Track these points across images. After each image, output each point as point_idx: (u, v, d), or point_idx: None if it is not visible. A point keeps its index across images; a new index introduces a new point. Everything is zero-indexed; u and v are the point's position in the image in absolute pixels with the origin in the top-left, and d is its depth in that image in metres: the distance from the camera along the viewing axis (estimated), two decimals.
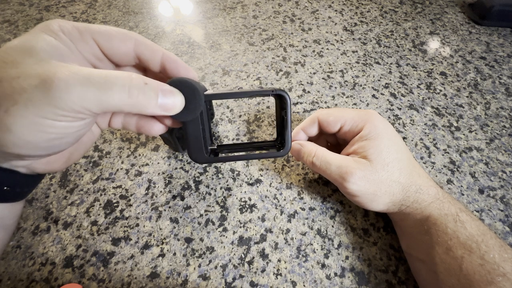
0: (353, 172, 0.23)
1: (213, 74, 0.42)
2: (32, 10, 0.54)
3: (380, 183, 0.23)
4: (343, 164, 0.24)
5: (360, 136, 0.25)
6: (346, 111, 0.27)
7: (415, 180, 0.24)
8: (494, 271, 0.19)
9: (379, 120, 0.26)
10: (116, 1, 0.57)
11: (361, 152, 0.24)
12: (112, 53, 0.17)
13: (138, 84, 0.15)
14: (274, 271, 0.25)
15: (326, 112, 0.27)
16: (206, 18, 0.53)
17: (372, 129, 0.25)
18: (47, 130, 0.14)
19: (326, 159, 0.25)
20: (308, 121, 0.28)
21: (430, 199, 0.23)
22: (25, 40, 0.15)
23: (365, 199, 0.24)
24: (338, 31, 0.52)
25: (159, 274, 0.25)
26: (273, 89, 0.20)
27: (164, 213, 0.28)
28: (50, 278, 0.25)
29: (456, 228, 0.21)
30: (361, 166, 0.23)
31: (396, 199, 0.24)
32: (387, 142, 0.24)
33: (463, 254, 0.20)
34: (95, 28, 0.17)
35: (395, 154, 0.24)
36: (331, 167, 0.24)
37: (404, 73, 0.44)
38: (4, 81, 0.13)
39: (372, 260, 0.26)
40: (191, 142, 0.21)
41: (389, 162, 0.24)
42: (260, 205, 0.29)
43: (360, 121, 0.26)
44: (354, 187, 0.23)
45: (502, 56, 0.48)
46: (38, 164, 0.18)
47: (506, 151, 0.35)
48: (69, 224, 0.28)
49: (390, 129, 0.25)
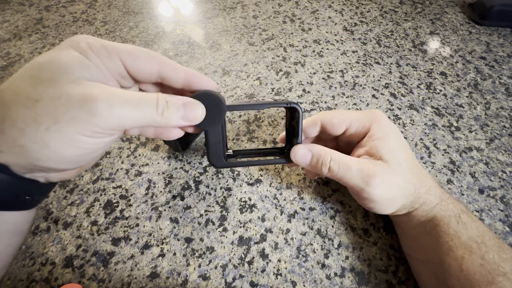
0: (375, 175, 0.21)
1: (213, 74, 0.42)
2: (32, 10, 0.54)
3: (397, 186, 0.22)
4: (365, 167, 0.22)
5: (370, 136, 0.24)
6: (350, 112, 0.26)
7: (423, 181, 0.23)
8: (495, 271, 0.19)
9: (385, 119, 0.25)
10: (116, 1, 0.57)
11: (374, 153, 0.23)
12: (136, 72, 0.18)
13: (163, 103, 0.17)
14: (274, 271, 0.25)
15: (329, 115, 0.26)
16: (206, 18, 0.53)
17: (381, 128, 0.24)
18: (82, 146, 0.16)
19: (345, 161, 0.23)
20: (309, 122, 0.26)
21: (436, 200, 0.23)
22: (56, 56, 0.16)
23: (383, 204, 0.23)
24: (338, 31, 0.52)
25: (159, 274, 0.25)
26: (288, 102, 0.22)
27: (164, 213, 0.28)
28: (50, 278, 0.25)
29: (458, 229, 0.21)
30: (381, 168, 0.22)
31: (408, 201, 0.23)
32: (396, 140, 0.24)
33: (463, 255, 0.20)
34: (122, 47, 0.17)
35: (404, 153, 0.23)
36: (351, 171, 0.22)
37: (404, 73, 0.44)
38: (45, 100, 0.14)
39: (372, 260, 0.26)
40: (211, 148, 0.23)
41: (402, 162, 0.23)
42: (260, 205, 0.29)
43: (367, 121, 0.25)
44: (376, 192, 0.22)
45: (502, 56, 0.48)
46: (55, 174, 0.19)
47: (506, 151, 0.35)
48: (69, 224, 0.28)
49: (395, 128, 0.25)
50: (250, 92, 0.40)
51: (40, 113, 0.14)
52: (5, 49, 0.45)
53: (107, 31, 0.49)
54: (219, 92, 0.22)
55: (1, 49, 0.45)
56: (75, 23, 0.51)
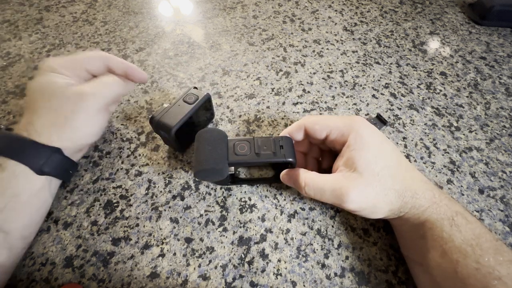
0: (348, 192, 0.22)
1: (213, 74, 0.42)
2: (32, 10, 0.54)
3: (376, 195, 0.22)
4: (336, 187, 0.23)
5: (347, 146, 0.25)
6: (332, 119, 0.26)
7: (409, 185, 0.23)
8: (490, 275, 0.19)
9: (364, 127, 0.25)
10: (116, 1, 0.57)
11: (350, 164, 0.24)
12: (92, 70, 0.29)
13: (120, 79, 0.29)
14: (274, 271, 0.25)
15: (312, 120, 0.27)
16: (206, 18, 0.53)
17: (358, 138, 0.24)
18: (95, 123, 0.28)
19: (318, 185, 0.24)
20: (295, 127, 0.27)
21: (427, 203, 0.23)
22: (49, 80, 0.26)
23: (367, 212, 0.23)
24: (338, 31, 0.52)
25: (159, 274, 0.25)
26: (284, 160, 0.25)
27: (164, 213, 0.28)
28: (50, 278, 0.25)
29: (451, 232, 0.21)
30: (354, 182, 0.23)
31: (395, 207, 0.23)
32: (374, 150, 0.24)
33: (458, 258, 0.20)
34: (79, 58, 0.28)
35: (383, 161, 0.23)
36: (325, 193, 0.24)
37: (404, 73, 0.44)
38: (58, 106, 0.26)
39: (372, 260, 0.26)
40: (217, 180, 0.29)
41: (379, 171, 0.23)
42: (260, 205, 0.29)
43: (345, 130, 0.25)
44: (352, 205, 0.23)
45: (502, 56, 0.48)
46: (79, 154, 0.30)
47: (506, 151, 0.35)
48: (69, 224, 0.28)
49: (376, 136, 0.25)
50: (250, 92, 0.40)
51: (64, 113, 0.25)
52: (5, 49, 0.45)
53: (107, 31, 0.49)
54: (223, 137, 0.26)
55: (1, 49, 0.45)
56: (75, 23, 0.51)
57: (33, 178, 0.25)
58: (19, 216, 0.24)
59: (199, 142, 0.25)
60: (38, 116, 0.25)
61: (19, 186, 0.24)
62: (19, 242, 0.24)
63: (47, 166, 0.25)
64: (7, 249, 0.23)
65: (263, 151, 0.26)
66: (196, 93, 0.31)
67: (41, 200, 0.26)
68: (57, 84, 0.26)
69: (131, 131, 0.35)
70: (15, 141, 0.24)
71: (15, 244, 0.23)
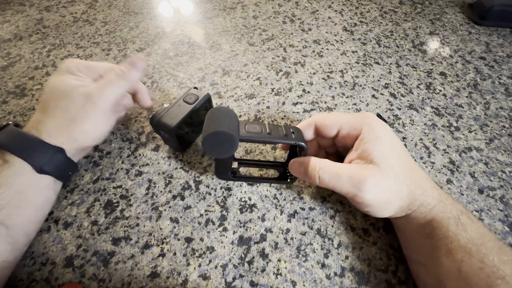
0: (366, 180, 0.22)
1: (213, 74, 0.42)
2: (32, 10, 0.54)
3: (390, 188, 0.22)
4: (355, 174, 0.22)
5: (361, 139, 0.24)
6: (342, 115, 0.26)
7: (419, 182, 0.23)
8: (494, 274, 0.19)
9: (376, 121, 0.25)
10: (117, 1, 0.57)
11: (365, 157, 0.23)
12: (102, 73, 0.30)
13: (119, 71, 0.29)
14: (274, 271, 0.25)
15: (323, 116, 0.26)
16: (206, 18, 0.53)
17: (371, 131, 0.24)
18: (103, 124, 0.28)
19: (334, 170, 0.23)
20: (305, 124, 0.27)
21: (434, 201, 0.23)
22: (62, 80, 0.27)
23: (378, 208, 0.23)
24: (338, 31, 0.52)
25: (159, 274, 0.25)
26: (296, 142, 0.24)
27: (164, 213, 0.28)
28: (51, 278, 0.25)
29: (457, 231, 0.21)
30: (371, 172, 0.22)
31: (404, 204, 0.23)
32: (387, 144, 0.24)
33: (462, 257, 0.20)
34: (94, 65, 0.30)
35: (397, 155, 0.23)
36: (341, 179, 0.22)
37: (404, 73, 0.44)
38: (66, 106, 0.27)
39: (372, 260, 0.26)
40: (219, 166, 0.27)
41: (393, 164, 0.22)
42: (260, 205, 0.29)
43: (357, 124, 0.25)
44: (368, 196, 0.22)
45: (502, 56, 0.48)
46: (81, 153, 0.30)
47: (505, 151, 0.35)
48: (70, 224, 0.28)
49: (388, 130, 0.25)
50: (250, 92, 0.40)
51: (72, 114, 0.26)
52: (5, 49, 0.45)
53: (107, 31, 0.49)
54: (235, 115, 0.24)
55: (2, 49, 0.45)
56: (75, 23, 0.51)
57: (39, 176, 0.25)
58: (23, 213, 0.24)
59: (211, 113, 0.24)
60: (49, 116, 0.26)
61: (24, 183, 0.24)
62: (22, 238, 0.24)
63: (47, 166, 0.25)
64: (11, 244, 0.23)
65: (274, 133, 0.25)
66: (196, 93, 0.31)
67: (45, 198, 0.26)
68: (70, 86, 0.27)
69: (131, 131, 0.35)
70: (25, 140, 0.25)
71: (18, 240, 0.24)
